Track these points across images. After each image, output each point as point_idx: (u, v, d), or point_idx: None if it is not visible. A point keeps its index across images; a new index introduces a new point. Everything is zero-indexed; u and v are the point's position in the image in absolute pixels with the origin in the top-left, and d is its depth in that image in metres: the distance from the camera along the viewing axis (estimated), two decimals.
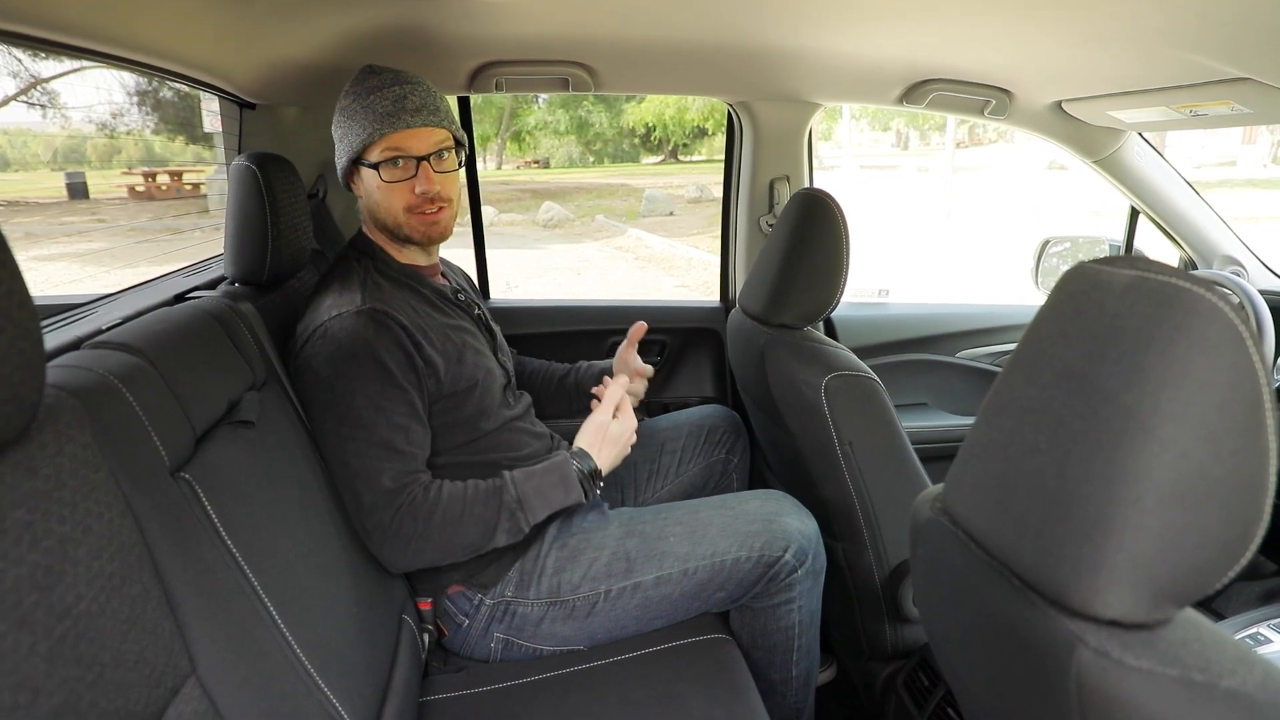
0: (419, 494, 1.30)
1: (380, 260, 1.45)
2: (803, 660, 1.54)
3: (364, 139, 1.36)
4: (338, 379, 1.29)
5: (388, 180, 1.39)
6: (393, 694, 1.19)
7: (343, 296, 1.35)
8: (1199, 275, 0.56)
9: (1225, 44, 1.25)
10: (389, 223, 1.43)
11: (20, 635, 0.62)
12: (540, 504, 1.37)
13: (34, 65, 12.15)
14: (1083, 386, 0.60)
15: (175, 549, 0.85)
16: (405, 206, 1.40)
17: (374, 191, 1.41)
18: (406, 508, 1.29)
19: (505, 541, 1.35)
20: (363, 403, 1.28)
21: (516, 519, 1.35)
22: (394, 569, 1.34)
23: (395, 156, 1.37)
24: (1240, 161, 18.49)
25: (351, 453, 1.28)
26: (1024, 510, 0.64)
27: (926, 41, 1.60)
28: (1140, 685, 0.56)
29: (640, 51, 1.73)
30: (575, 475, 1.40)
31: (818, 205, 1.54)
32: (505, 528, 1.34)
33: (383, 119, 1.35)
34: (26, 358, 0.63)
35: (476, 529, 1.33)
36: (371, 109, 1.36)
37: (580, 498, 1.40)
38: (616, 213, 14.70)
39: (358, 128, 1.37)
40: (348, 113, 1.39)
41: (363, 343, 1.29)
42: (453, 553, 1.34)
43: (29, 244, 12.00)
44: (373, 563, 1.32)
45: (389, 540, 1.29)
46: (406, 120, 1.35)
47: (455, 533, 1.31)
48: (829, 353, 1.52)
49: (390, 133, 1.35)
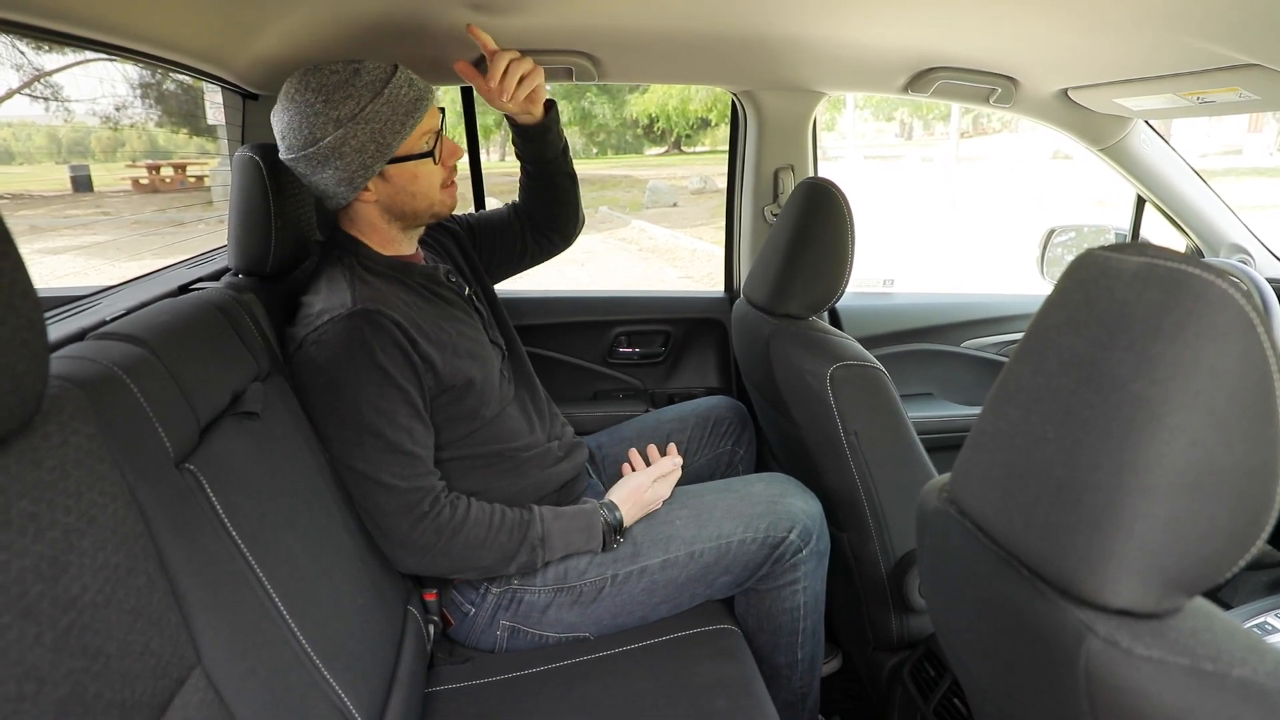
0: (445, 510, 1.30)
1: (364, 256, 1.40)
2: (808, 643, 1.55)
3: (400, 133, 1.31)
4: (336, 385, 1.27)
5: (438, 163, 1.38)
6: (398, 685, 1.20)
7: (332, 298, 1.31)
8: (1208, 262, 0.56)
9: (1233, 29, 1.24)
10: (420, 208, 1.40)
11: (25, 626, 0.62)
12: (560, 545, 1.40)
13: (38, 58, 12.16)
14: (1091, 374, 0.59)
15: (180, 540, 0.85)
16: (441, 183, 1.40)
17: (411, 183, 1.37)
18: (431, 520, 1.29)
19: (514, 571, 1.38)
20: (364, 407, 1.26)
21: (535, 555, 1.38)
22: (403, 570, 1.36)
23: (431, 137, 1.37)
24: (1246, 150, 18.40)
25: (359, 458, 1.28)
26: (1032, 499, 0.63)
27: (931, 29, 1.58)
28: (1150, 675, 0.55)
29: (644, 40, 1.72)
30: (600, 527, 1.43)
31: (822, 195, 1.54)
32: (522, 560, 1.37)
33: (414, 104, 1.33)
34: (30, 349, 0.63)
35: (494, 555, 1.35)
36: (396, 102, 1.30)
37: (598, 548, 1.43)
38: (620, 204, 14.66)
39: (387, 129, 1.30)
40: (360, 118, 1.28)
41: (357, 346, 1.26)
42: (464, 571, 1.36)
43: (34, 237, 12.03)
44: (378, 554, 1.32)
45: (405, 548, 1.30)
46: (427, 99, 1.35)
47: (474, 555, 1.33)
48: (834, 342, 1.52)
49: (423, 115, 1.34)
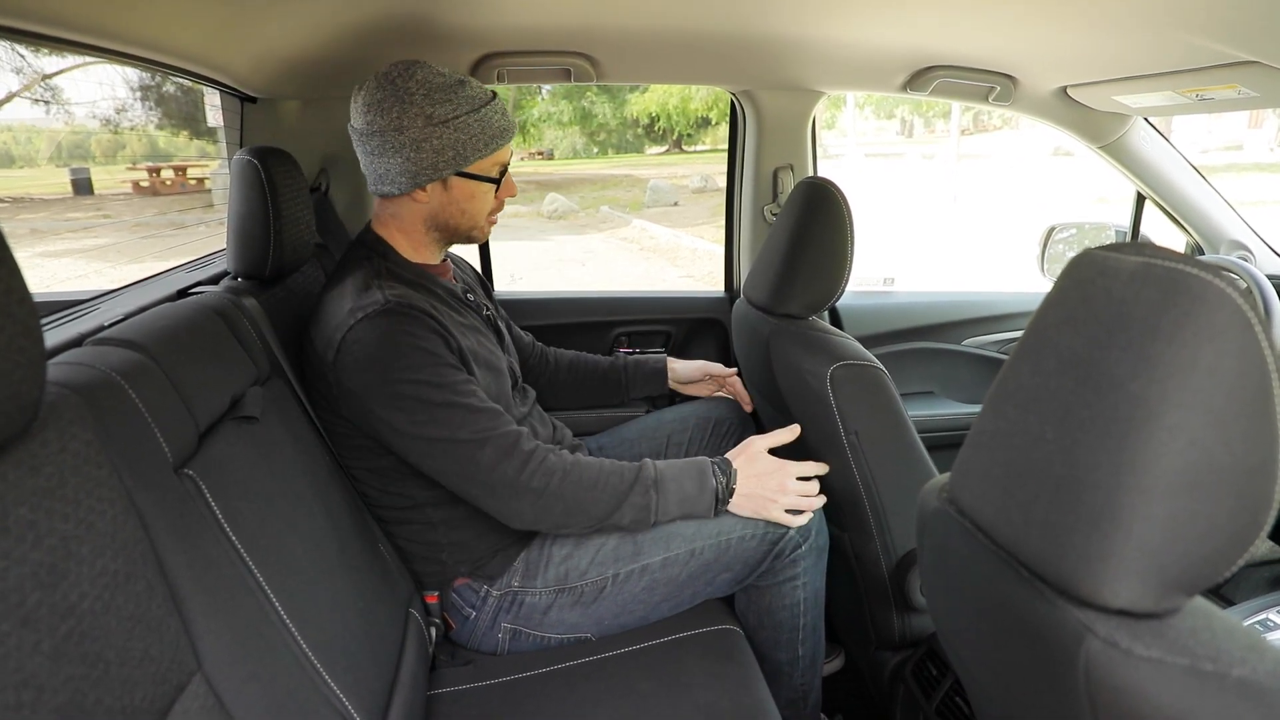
0: (551, 455, 1.32)
1: (393, 261, 1.42)
2: (808, 639, 1.55)
3: (481, 151, 1.38)
4: (387, 377, 1.26)
5: (498, 194, 1.45)
6: (400, 688, 1.19)
7: (363, 297, 1.31)
8: (1206, 261, 0.56)
9: (1233, 27, 1.24)
10: (463, 226, 1.45)
11: (24, 634, 0.61)
12: (674, 490, 1.37)
13: (37, 61, 12.17)
14: (1090, 374, 0.59)
15: (179, 545, 0.85)
16: (491, 210, 1.46)
17: (465, 200, 1.42)
18: (538, 460, 1.30)
19: (629, 521, 1.35)
20: (423, 386, 1.26)
21: (649, 498, 1.35)
22: (520, 524, 1.33)
23: (502, 168, 1.43)
24: (1246, 146, 18.37)
25: (439, 428, 1.27)
26: (1031, 499, 0.63)
27: (930, 28, 1.58)
28: (1150, 675, 0.55)
29: (642, 41, 1.72)
30: (711, 473, 1.40)
31: (822, 194, 1.54)
32: (636, 502, 1.34)
33: (502, 133, 1.40)
34: (27, 355, 0.63)
35: (608, 495, 1.33)
36: (488, 123, 1.37)
37: (711, 501, 1.39)
38: (621, 203, 14.67)
39: (474, 142, 1.36)
40: (451, 124, 1.33)
41: (400, 335, 1.27)
42: (579, 517, 1.33)
43: (35, 240, 12.02)
44: (378, 556, 1.32)
45: (519, 496, 1.29)
46: (511, 134, 1.41)
47: (588, 495, 1.32)
48: (834, 342, 1.52)
49: (504, 146, 1.41)
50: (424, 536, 1.42)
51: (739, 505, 1.41)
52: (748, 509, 1.41)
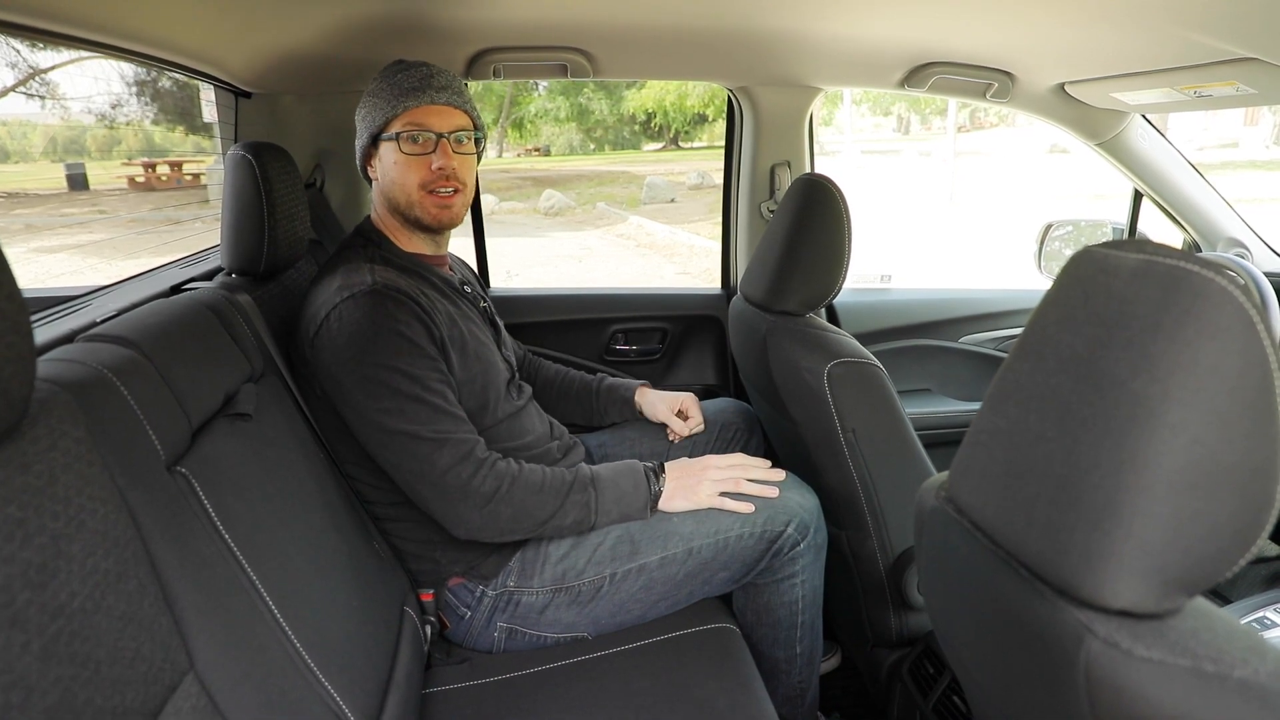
0: (500, 461, 1.34)
1: (386, 249, 1.45)
2: (806, 637, 1.54)
3: (388, 113, 1.39)
4: (363, 359, 1.27)
5: (406, 153, 1.40)
6: (395, 686, 1.19)
7: (351, 278, 1.33)
8: (1206, 258, 0.55)
9: (1231, 23, 1.24)
10: (402, 202, 1.43)
11: (13, 634, 0.61)
12: (610, 490, 1.41)
13: (32, 56, 12.13)
14: (1090, 372, 0.59)
15: (171, 544, 0.84)
16: (420, 183, 1.41)
17: (390, 168, 1.42)
18: (490, 466, 1.32)
19: (570, 521, 1.38)
20: (396, 375, 1.27)
21: (588, 493, 1.39)
22: (464, 531, 1.34)
23: (416, 131, 1.39)
24: (1242, 143, 18.41)
25: (402, 421, 1.28)
26: (1031, 498, 0.63)
27: (927, 24, 1.58)
28: (1150, 676, 0.55)
29: (639, 36, 1.72)
30: (644, 473, 1.44)
31: (819, 191, 1.53)
32: (577, 500, 1.38)
33: (408, 93, 1.39)
34: (15, 351, 0.62)
35: (552, 498, 1.36)
36: (398, 85, 1.39)
37: (646, 497, 1.43)
38: (618, 200, 14.67)
39: (382, 104, 1.40)
40: (373, 94, 1.42)
41: (381, 318, 1.28)
42: (525, 521, 1.35)
43: (29, 235, 11.99)
44: (373, 555, 1.32)
45: (468, 499, 1.30)
46: (431, 95, 1.39)
47: (534, 499, 1.34)
48: (831, 339, 1.51)
49: (415, 106, 1.39)
50: (417, 534, 1.42)
51: (670, 495, 1.45)
52: (679, 496, 1.45)
